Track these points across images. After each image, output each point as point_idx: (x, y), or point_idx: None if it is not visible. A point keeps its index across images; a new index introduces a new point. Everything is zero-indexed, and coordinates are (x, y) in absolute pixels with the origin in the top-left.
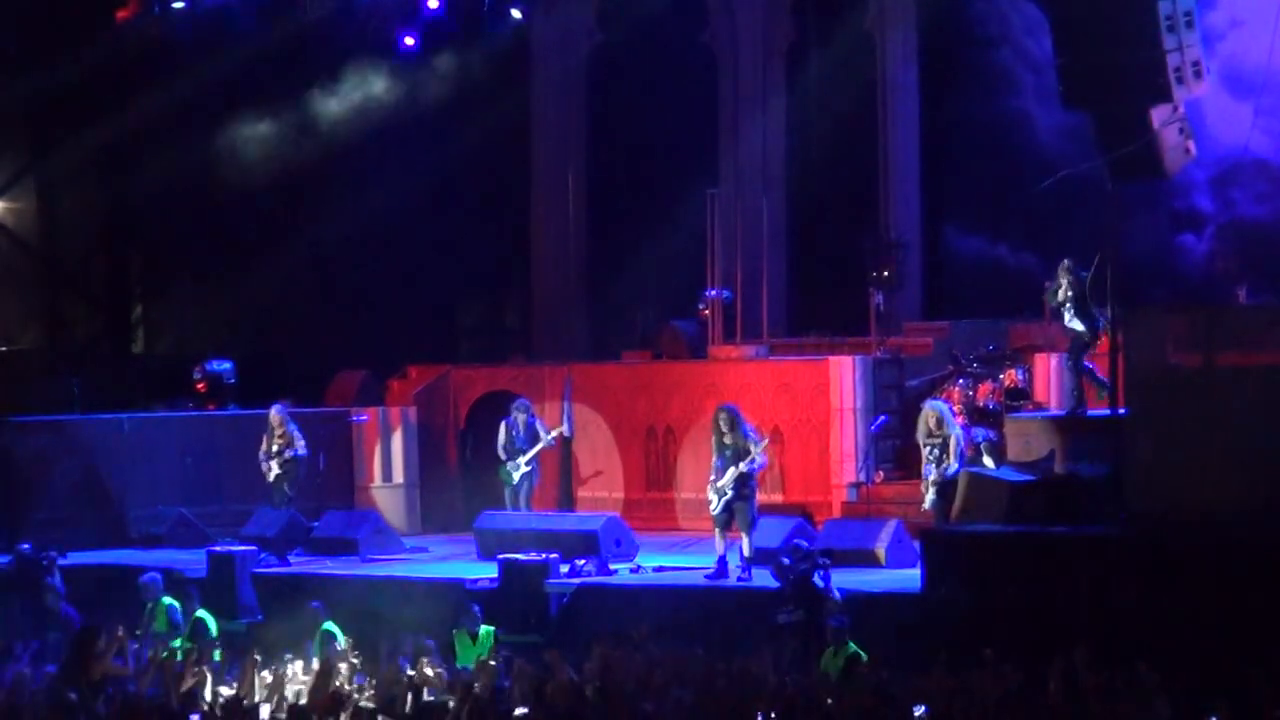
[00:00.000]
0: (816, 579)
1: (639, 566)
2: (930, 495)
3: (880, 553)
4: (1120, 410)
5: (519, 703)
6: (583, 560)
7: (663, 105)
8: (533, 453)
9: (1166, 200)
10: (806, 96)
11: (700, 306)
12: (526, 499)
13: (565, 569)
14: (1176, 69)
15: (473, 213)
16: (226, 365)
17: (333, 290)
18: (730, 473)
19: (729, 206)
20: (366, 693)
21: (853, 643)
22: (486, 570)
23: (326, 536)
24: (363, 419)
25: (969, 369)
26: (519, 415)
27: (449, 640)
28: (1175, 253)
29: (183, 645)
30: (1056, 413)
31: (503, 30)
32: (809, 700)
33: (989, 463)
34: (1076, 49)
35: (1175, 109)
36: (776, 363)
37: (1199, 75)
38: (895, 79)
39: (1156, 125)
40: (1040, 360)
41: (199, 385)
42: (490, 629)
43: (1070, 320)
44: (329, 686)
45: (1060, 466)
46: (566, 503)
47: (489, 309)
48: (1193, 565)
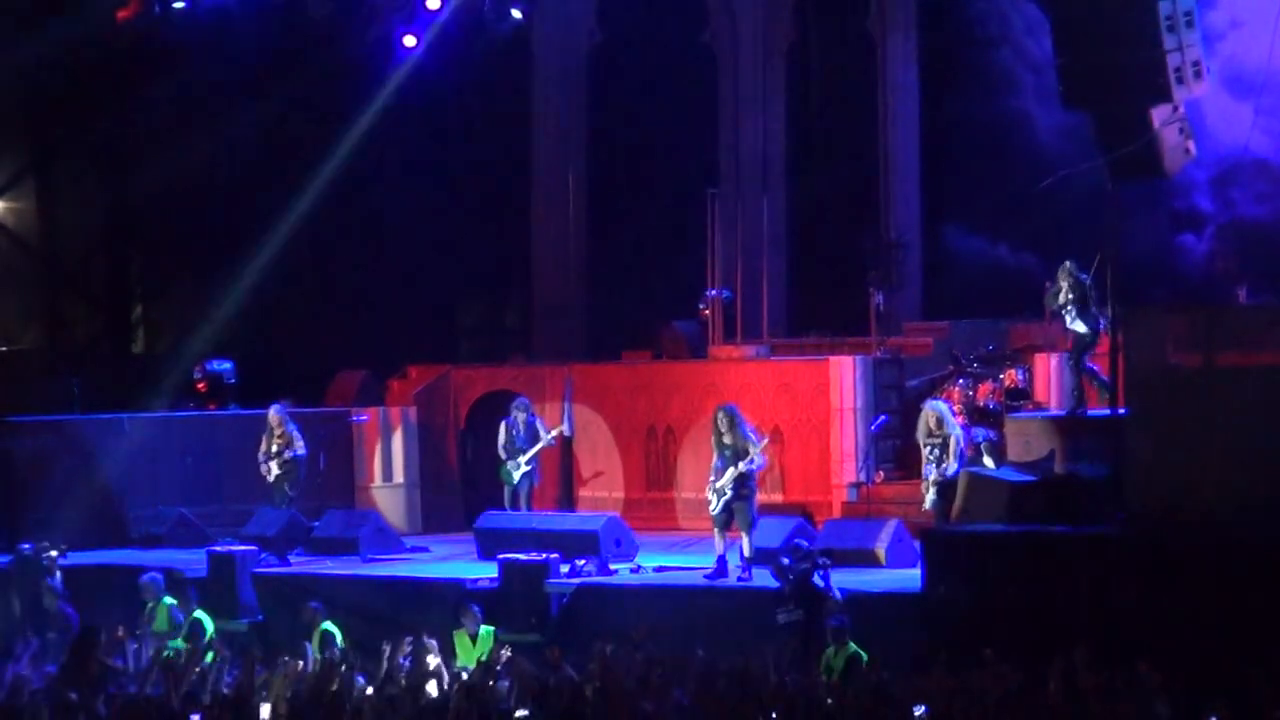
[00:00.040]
0: (816, 579)
1: (639, 566)
2: (930, 495)
3: (880, 553)
4: (1120, 410)
5: (519, 703)
6: (583, 560)
7: (663, 105)
8: (533, 452)
9: (1166, 200)
10: (806, 96)
11: (700, 306)
12: (527, 499)
13: (565, 569)
14: (1176, 69)
15: (473, 213)
16: (226, 365)
17: (333, 290)
18: (729, 473)
19: (729, 206)
20: (367, 692)
21: (853, 643)
22: (487, 570)
23: (327, 536)
24: (363, 419)
25: (969, 369)
26: (519, 414)
27: (449, 640)
28: (1175, 253)
29: (176, 645)
30: (1057, 413)
31: (503, 30)
32: (809, 700)
33: (989, 463)
34: (1076, 49)
35: (1175, 109)
36: (777, 363)
37: (1199, 75)
38: (895, 79)
39: (1156, 125)
40: (1040, 360)
41: (199, 385)
42: (490, 629)
43: (1072, 322)
44: (330, 686)
45: (1060, 466)
46: (567, 503)
47: (489, 309)
48: (1193, 565)
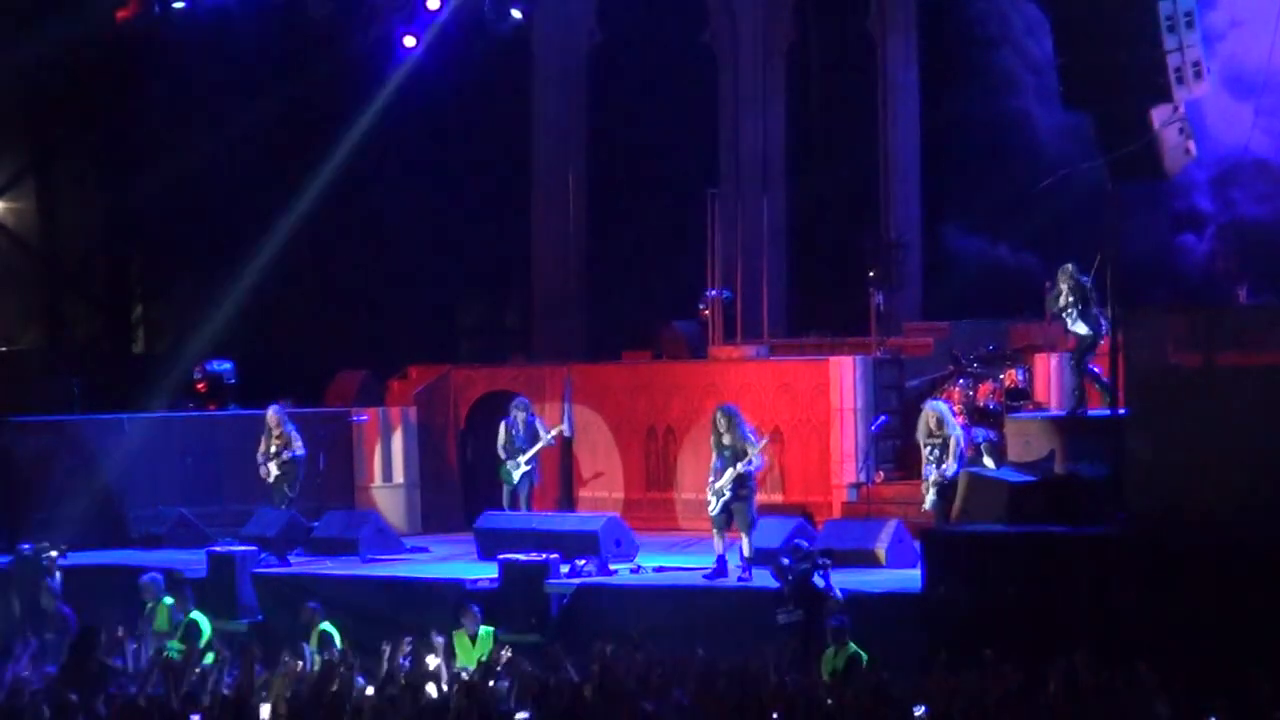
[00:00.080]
0: (816, 579)
1: (639, 567)
2: (931, 495)
3: (880, 553)
4: (1120, 410)
5: (519, 703)
6: (583, 560)
7: (663, 105)
8: (532, 451)
9: (1167, 200)
10: (806, 96)
11: (700, 306)
12: (527, 499)
13: (565, 569)
14: (1177, 69)
15: (473, 213)
16: (226, 365)
17: (333, 290)
18: (728, 474)
19: (729, 206)
20: (367, 692)
21: (853, 643)
22: (487, 570)
23: (327, 537)
24: (363, 419)
25: (969, 369)
26: (518, 414)
27: (448, 641)
28: (1175, 253)
29: (175, 646)
30: (1057, 413)
31: (503, 30)
32: (809, 700)
33: (989, 463)
34: (1077, 49)
35: (1175, 109)
36: (777, 363)
37: (1199, 75)
38: (895, 79)
39: (1157, 125)
40: (1040, 360)
41: (199, 385)
42: (490, 629)
43: (1073, 324)
44: (330, 687)
45: (1060, 467)
46: (567, 503)
47: (489, 309)
48: (1193, 565)
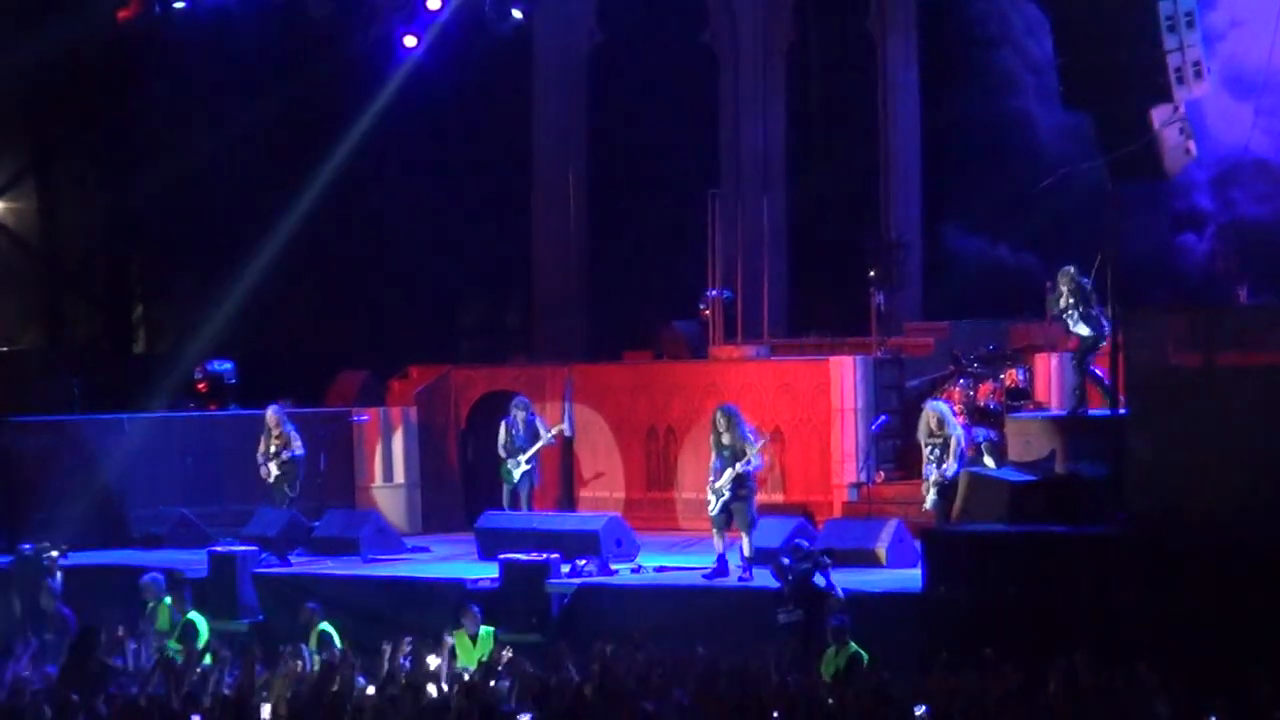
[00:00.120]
0: (817, 579)
1: (640, 567)
2: (931, 495)
3: (881, 553)
4: (1120, 410)
5: (519, 703)
6: (584, 560)
7: (663, 105)
8: (532, 451)
9: (1167, 200)
10: (807, 96)
11: (701, 306)
12: (527, 499)
13: (566, 569)
14: (1177, 69)
15: (473, 213)
16: (227, 365)
17: (333, 290)
18: (727, 474)
19: (729, 206)
20: (368, 692)
21: (853, 643)
22: (487, 570)
23: (327, 536)
24: (364, 419)
25: (969, 369)
26: (518, 413)
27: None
28: (1176, 253)
29: (173, 647)
30: (1057, 413)
31: (503, 30)
32: (809, 700)
33: (990, 463)
34: (1077, 49)
35: (1176, 109)
36: (777, 363)
37: (1199, 75)
38: (896, 79)
39: (1157, 125)
40: (1041, 360)
41: (199, 385)
42: (490, 630)
43: (1074, 326)
44: (330, 687)
45: (1061, 466)
46: (567, 503)
47: (490, 309)
48: (1193, 565)
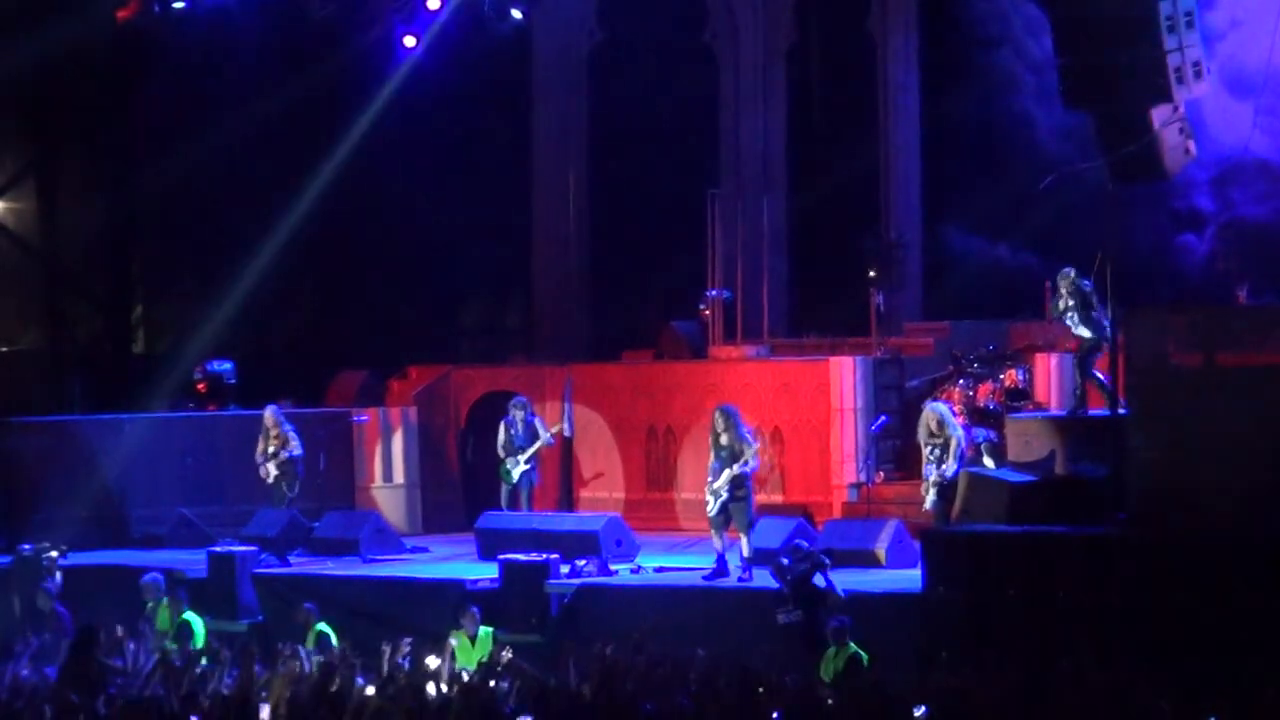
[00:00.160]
0: (817, 579)
1: (639, 567)
2: (931, 496)
3: (880, 553)
4: (1120, 411)
5: (519, 704)
6: (583, 561)
7: (663, 105)
8: (531, 451)
9: (1167, 200)
10: (807, 96)
11: (701, 307)
12: (527, 499)
13: (566, 569)
14: (1177, 69)
15: (473, 213)
16: (227, 365)
17: (333, 290)
18: (725, 475)
19: (730, 206)
20: (367, 692)
21: (853, 643)
22: (487, 571)
23: (327, 537)
24: (363, 419)
25: (969, 369)
26: (517, 413)
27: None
28: (1176, 253)
29: (170, 648)
30: (1057, 413)
31: (503, 30)
32: (809, 700)
33: (989, 463)
34: (1077, 49)
35: (1176, 109)
36: (777, 363)
37: (1199, 75)
38: (896, 79)
39: (1157, 125)
40: (1041, 360)
41: (199, 386)
42: (489, 630)
43: (1076, 329)
44: (330, 687)
45: (1061, 467)
46: (567, 503)
47: (490, 309)
48: (1193, 565)
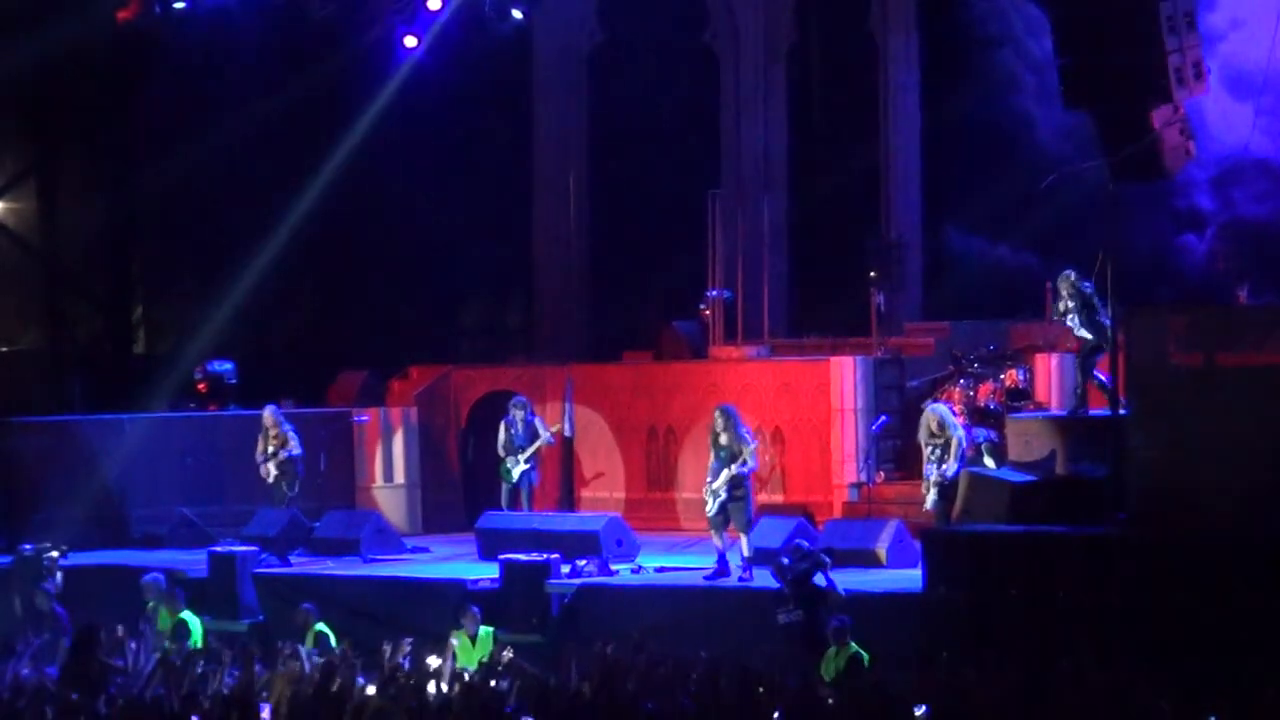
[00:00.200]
0: (818, 578)
1: (640, 567)
2: (932, 496)
3: (881, 553)
4: (1121, 411)
5: (519, 704)
6: (584, 560)
7: (664, 105)
8: (531, 450)
9: (1167, 200)
10: (808, 97)
11: (701, 307)
12: (528, 498)
13: (566, 569)
14: (1177, 69)
15: (473, 213)
16: (227, 365)
17: (333, 290)
18: (723, 475)
19: (730, 207)
20: (368, 692)
21: (854, 643)
22: (488, 571)
23: (328, 537)
24: (364, 419)
25: (970, 369)
26: (517, 413)
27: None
28: (1176, 252)
29: (168, 647)
30: (1058, 413)
31: (503, 30)
32: (809, 700)
33: (990, 463)
34: (1078, 49)
35: (1176, 109)
36: (777, 363)
37: (1200, 76)
38: (896, 79)
39: (1157, 126)
40: (1041, 360)
41: (200, 386)
42: (490, 630)
43: (1078, 330)
44: (331, 687)
45: (1061, 467)
46: (568, 503)
47: (490, 309)
48: (1193, 565)
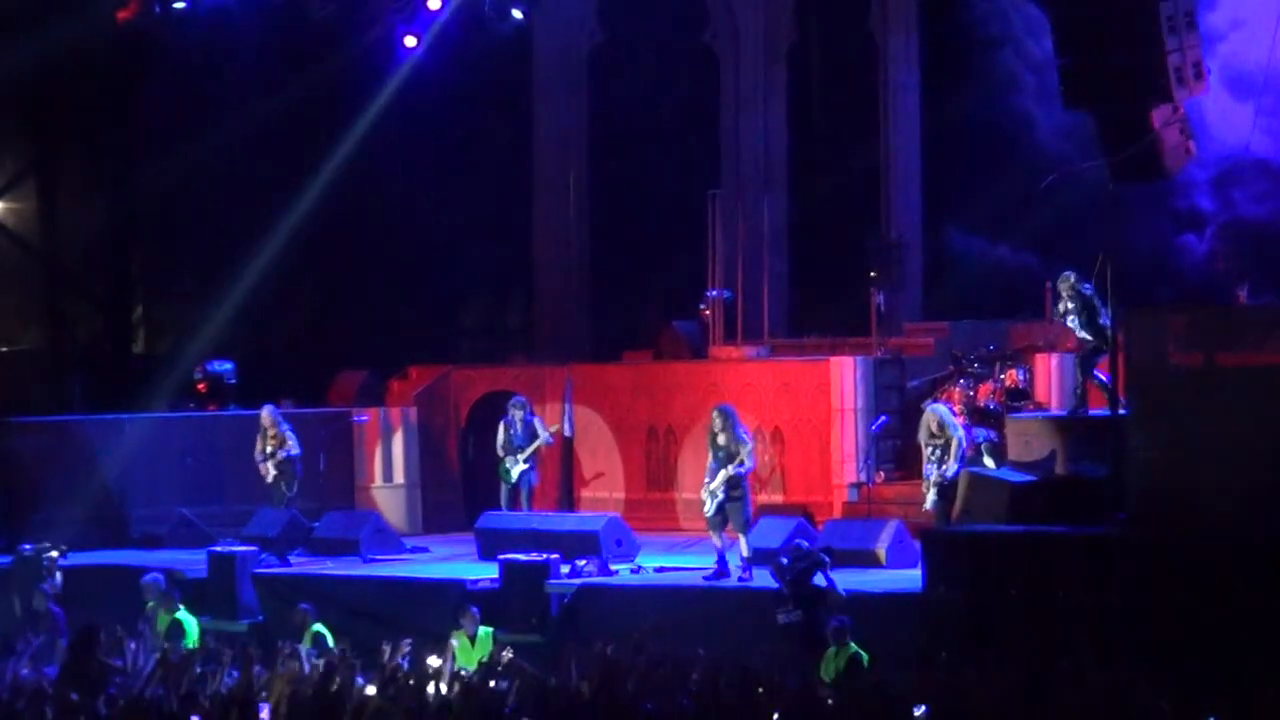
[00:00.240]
0: (818, 578)
1: (640, 567)
2: (931, 496)
3: (881, 553)
4: (1121, 410)
5: (519, 704)
6: (583, 561)
7: (664, 105)
8: (530, 450)
9: (1167, 200)
10: (808, 97)
11: (701, 307)
12: (527, 498)
13: (566, 569)
14: (1177, 69)
15: (473, 213)
16: (227, 365)
17: (333, 290)
18: (720, 475)
19: (730, 207)
20: (367, 692)
21: (854, 643)
22: (487, 571)
23: (327, 537)
24: (364, 419)
25: (970, 369)
26: (516, 413)
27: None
28: (1176, 253)
29: (164, 647)
30: (1057, 413)
31: (504, 30)
32: (809, 700)
33: (990, 463)
34: (1078, 49)
35: (1176, 109)
36: (777, 363)
37: (1200, 76)
38: (897, 79)
39: (1157, 126)
40: (1041, 360)
41: (200, 386)
42: (489, 630)
43: (1080, 332)
44: (330, 687)
45: (1061, 467)
46: (567, 503)
47: (490, 309)
48: (1193, 565)
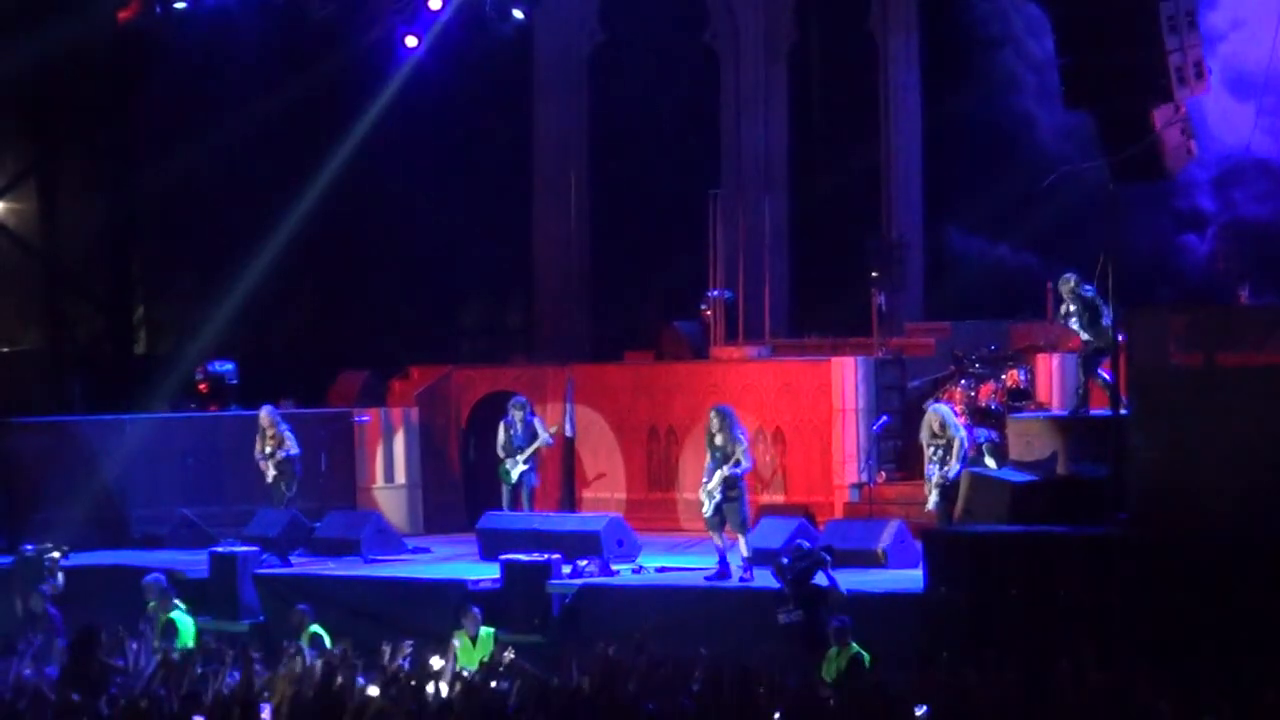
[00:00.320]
0: (819, 577)
1: (641, 567)
2: (933, 496)
3: (882, 553)
4: (1122, 410)
5: (520, 704)
6: (585, 561)
7: (664, 105)
8: (530, 450)
9: (1168, 200)
10: (808, 97)
11: (702, 307)
12: (528, 499)
13: (567, 570)
14: (1178, 69)
15: (473, 213)
16: (228, 366)
17: (334, 290)
18: (717, 476)
19: (731, 207)
20: (368, 692)
21: (855, 643)
22: (488, 571)
23: (328, 537)
24: (365, 420)
25: (971, 369)
26: (516, 413)
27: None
28: (1177, 253)
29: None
30: (1059, 413)
31: (504, 30)
32: (810, 700)
33: (991, 463)
34: (1078, 49)
35: (1177, 109)
36: (778, 363)
37: (1201, 75)
38: (897, 79)
39: (1158, 125)
40: (1042, 360)
41: (200, 386)
42: (490, 630)
43: (1082, 332)
44: (331, 687)
45: (1062, 467)
46: (569, 503)
47: (491, 309)
48: (1193, 565)
